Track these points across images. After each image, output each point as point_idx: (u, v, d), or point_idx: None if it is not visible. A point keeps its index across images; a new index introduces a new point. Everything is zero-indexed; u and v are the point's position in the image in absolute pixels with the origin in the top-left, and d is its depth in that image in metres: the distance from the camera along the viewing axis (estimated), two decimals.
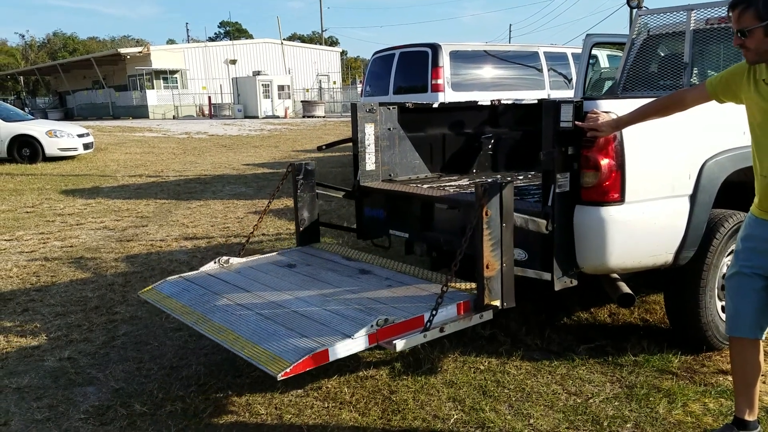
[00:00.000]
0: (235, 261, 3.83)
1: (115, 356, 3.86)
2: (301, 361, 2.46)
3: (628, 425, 2.90)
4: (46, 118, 30.86)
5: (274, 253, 4.03)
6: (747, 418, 2.66)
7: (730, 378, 3.28)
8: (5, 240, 7.09)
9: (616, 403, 3.09)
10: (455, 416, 3.02)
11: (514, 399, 3.18)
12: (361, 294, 3.19)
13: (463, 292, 3.07)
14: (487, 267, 2.83)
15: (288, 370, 2.41)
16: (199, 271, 3.73)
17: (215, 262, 3.80)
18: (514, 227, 2.94)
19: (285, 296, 3.21)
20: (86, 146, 15.88)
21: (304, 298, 3.16)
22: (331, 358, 2.56)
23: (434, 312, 2.74)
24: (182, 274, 3.70)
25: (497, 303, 2.91)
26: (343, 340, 2.59)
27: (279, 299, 3.17)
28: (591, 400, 3.13)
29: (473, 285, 3.07)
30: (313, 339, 2.64)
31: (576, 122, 2.99)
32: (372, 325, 2.64)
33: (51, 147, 15.13)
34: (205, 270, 3.74)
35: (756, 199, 2.54)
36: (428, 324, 2.73)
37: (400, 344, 2.62)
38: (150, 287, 3.59)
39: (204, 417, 3.07)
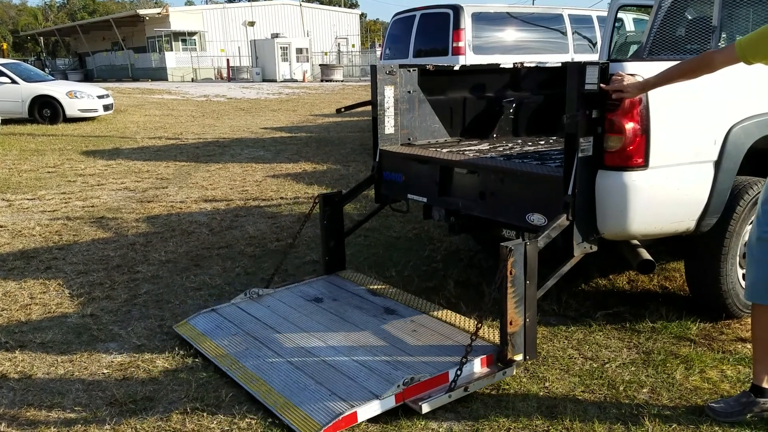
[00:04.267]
0: (264, 293, 3.89)
1: (137, 314, 3.92)
2: (331, 424, 2.54)
3: (644, 390, 2.91)
4: (66, 79, 30.96)
5: (302, 284, 4.06)
6: (765, 385, 2.65)
7: (748, 345, 3.27)
8: (28, 199, 7.19)
9: (632, 369, 3.10)
10: None
11: (529, 363, 3.19)
12: (386, 340, 3.22)
13: (485, 344, 3.08)
14: (511, 323, 2.86)
15: None
16: (230, 304, 3.80)
17: (245, 294, 3.87)
18: (536, 287, 2.93)
19: (314, 340, 3.27)
20: (106, 108, 15.95)
21: (332, 344, 3.21)
22: (360, 421, 2.64)
23: (459, 372, 2.78)
24: (214, 307, 3.74)
25: (519, 357, 2.94)
26: (370, 402, 2.66)
27: (308, 344, 3.23)
28: (607, 365, 3.14)
29: (496, 335, 3.08)
30: (341, 398, 2.70)
31: (601, 84, 2.93)
32: (398, 385, 2.71)
33: (71, 108, 15.21)
34: (235, 303, 3.80)
35: None
36: (453, 384, 2.78)
37: (425, 407, 2.70)
38: (184, 322, 3.63)
39: (224, 373, 3.12)
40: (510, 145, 4.50)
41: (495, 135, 4.86)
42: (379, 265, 4.74)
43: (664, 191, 3.11)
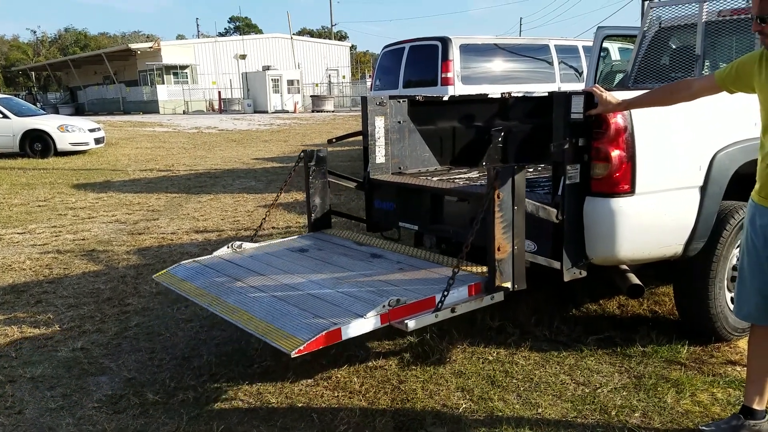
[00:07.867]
0: (248, 246, 3.87)
1: (128, 347, 3.90)
2: (314, 339, 2.47)
3: (636, 414, 2.91)
4: (58, 113, 31.02)
5: (287, 240, 4.07)
6: (755, 407, 2.66)
7: (738, 368, 3.29)
8: (18, 233, 7.17)
9: (624, 393, 3.10)
10: (464, 405, 3.04)
11: (522, 389, 3.19)
12: (372, 277, 3.21)
13: (474, 275, 3.09)
14: (499, 249, 2.86)
15: (301, 347, 2.42)
16: (213, 256, 3.78)
17: (228, 247, 3.84)
18: (525, 215, 2.96)
19: (298, 279, 3.23)
20: (97, 141, 15.98)
21: (317, 281, 3.18)
22: (344, 337, 2.58)
23: (446, 293, 2.76)
24: (196, 258, 3.76)
25: (508, 285, 2.93)
26: (355, 320, 2.61)
27: (292, 282, 3.20)
28: (599, 390, 3.15)
29: (484, 268, 3.09)
30: (326, 318, 2.66)
31: (590, 104, 2.98)
32: (384, 305, 2.66)
33: (62, 141, 15.24)
34: (218, 254, 3.78)
35: (757, 186, 2.55)
36: (440, 304, 2.75)
37: (411, 324, 2.63)
38: (164, 271, 3.65)
39: (216, 406, 3.10)
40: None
41: (484, 163, 4.92)
42: None
43: (651, 217, 3.16)
